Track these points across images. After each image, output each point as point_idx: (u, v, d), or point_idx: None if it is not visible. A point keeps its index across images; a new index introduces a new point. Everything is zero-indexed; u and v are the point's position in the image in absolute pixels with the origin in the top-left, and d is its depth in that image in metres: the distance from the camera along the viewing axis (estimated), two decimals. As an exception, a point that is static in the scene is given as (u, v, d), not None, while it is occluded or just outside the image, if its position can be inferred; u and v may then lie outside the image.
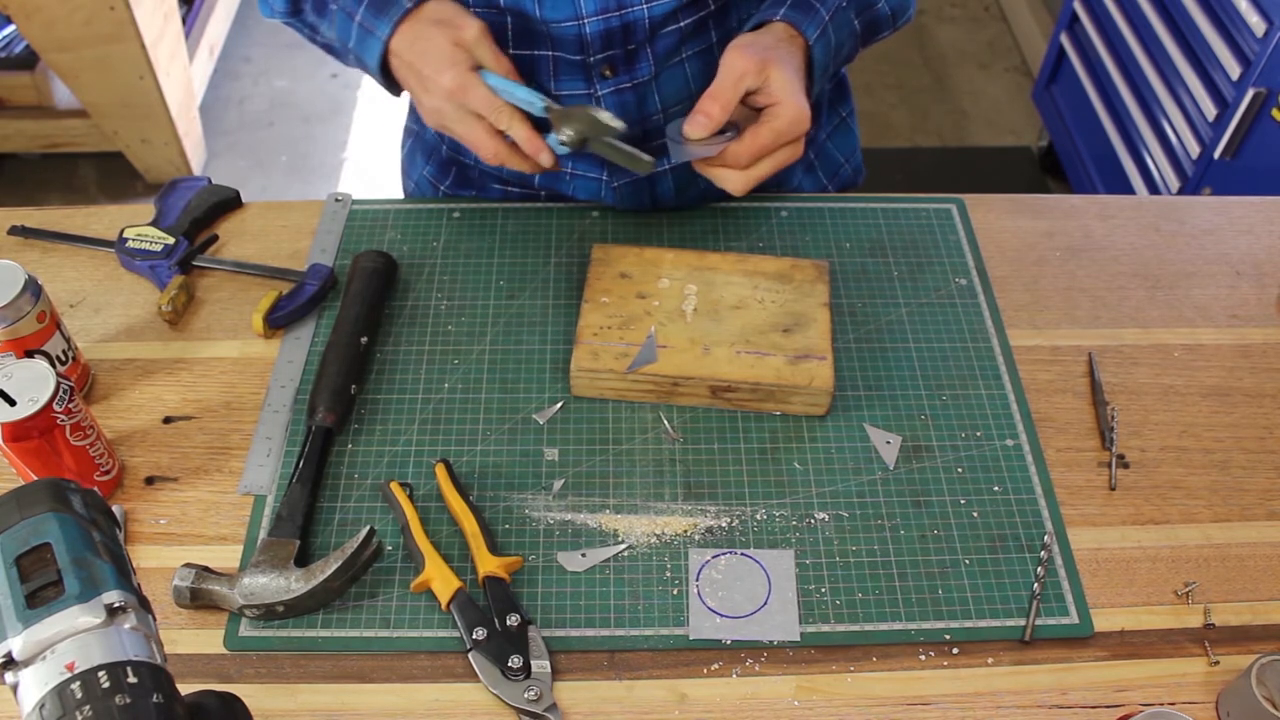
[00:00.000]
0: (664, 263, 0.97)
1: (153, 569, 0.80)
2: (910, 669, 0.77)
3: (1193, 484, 0.88)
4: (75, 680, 0.50)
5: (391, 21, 0.87)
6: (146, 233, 1.01)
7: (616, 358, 0.90)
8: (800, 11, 0.89)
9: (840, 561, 0.82)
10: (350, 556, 0.77)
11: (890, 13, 0.97)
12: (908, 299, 1.00)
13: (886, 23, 0.98)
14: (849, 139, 1.19)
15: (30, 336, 0.85)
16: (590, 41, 0.92)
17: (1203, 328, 1.00)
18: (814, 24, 0.89)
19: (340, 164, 2.68)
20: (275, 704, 0.74)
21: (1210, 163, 1.86)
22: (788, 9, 0.89)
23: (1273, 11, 1.68)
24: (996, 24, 3.16)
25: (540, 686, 0.73)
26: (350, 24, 0.90)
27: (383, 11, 0.88)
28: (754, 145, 0.84)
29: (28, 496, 0.56)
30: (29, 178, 2.58)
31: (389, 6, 0.88)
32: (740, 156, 0.85)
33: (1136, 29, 2.08)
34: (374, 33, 0.89)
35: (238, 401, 0.91)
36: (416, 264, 1.02)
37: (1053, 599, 0.80)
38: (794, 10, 0.89)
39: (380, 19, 0.88)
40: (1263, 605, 0.81)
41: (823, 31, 0.89)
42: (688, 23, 0.95)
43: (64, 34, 2.15)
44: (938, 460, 0.88)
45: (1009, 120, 2.83)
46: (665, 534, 0.83)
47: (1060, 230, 1.08)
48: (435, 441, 0.89)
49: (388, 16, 0.88)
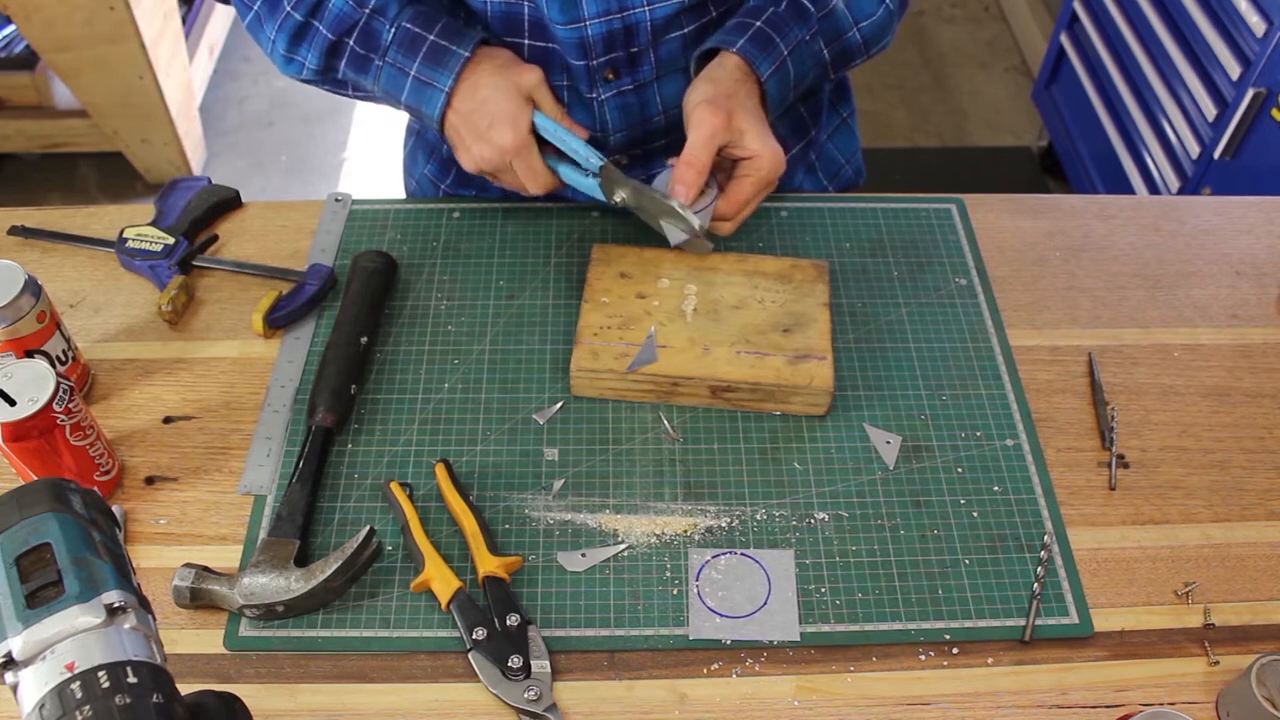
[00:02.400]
0: (664, 263, 0.97)
1: (153, 569, 0.80)
2: (910, 669, 0.77)
3: (1193, 484, 0.88)
4: (75, 680, 0.50)
5: (454, 74, 0.87)
6: (146, 233, 1.01)
7: (616, 358, 0.90)
8: (758, 46, 0.89)
9: (840, 561, 0.82)
10: (350, 556, 0.77)
11: (862, 41, 0.97)
12: (908, 299, 1.00)
13: (859, 50, 0.98)
14: (850, 140, 1.19)
15: (30, 336, 0.85)
16: (593, 44, 0.92)
17: (1203, 328, 1.00)
18: (770, 60, 0.90)
19: (340, 164, 2.67)
20: (275, 704, 0.74)
21: (1210, 163, 1.85)
22: (747, 40, 0.89)
23: (1273, 11, 1.68)
24: (996, 24, 3.16)
25: (540, 686, 0.73)
26: (403, 79, 0.89)
27: (441, 64, 0.88)
28: (739, 199, 0.89)
29: (28, 496, 0.56)
30: (29, 178, 2.58)
31: (446, 57, 0.88)
32: (728, 211, 0.90)
33: (1136, 29, 2.08)
34: (434, 85, 0.88)
35: (238, 401, 0.91)
36: (416, 264, 1.02)
37: (1052, 599, 0.80)
38: (752, 44, 0.89)
39: (439, 71, 0.88)
40: (1263, 605, 0.81)
41: (779, 66, 0.90)
42: (690, 28, 0.95)
43: (64, 34, 2.15)
44: (938, 460, 0.88)
45: (1009, 120, 2.83)
46: (665, 534, 0.83)
47: (1060, 230, 1.08)
48: (435, 441, 0.89)
49: (448, 69, 0.87)
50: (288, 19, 0.92)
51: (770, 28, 0.90)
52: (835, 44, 0.95)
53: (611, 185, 0.89)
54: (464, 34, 0.88)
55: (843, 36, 0.95)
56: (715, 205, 0.90)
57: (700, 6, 0.94)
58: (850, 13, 0.95)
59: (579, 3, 0.90)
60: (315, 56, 0.93)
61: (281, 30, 0.93)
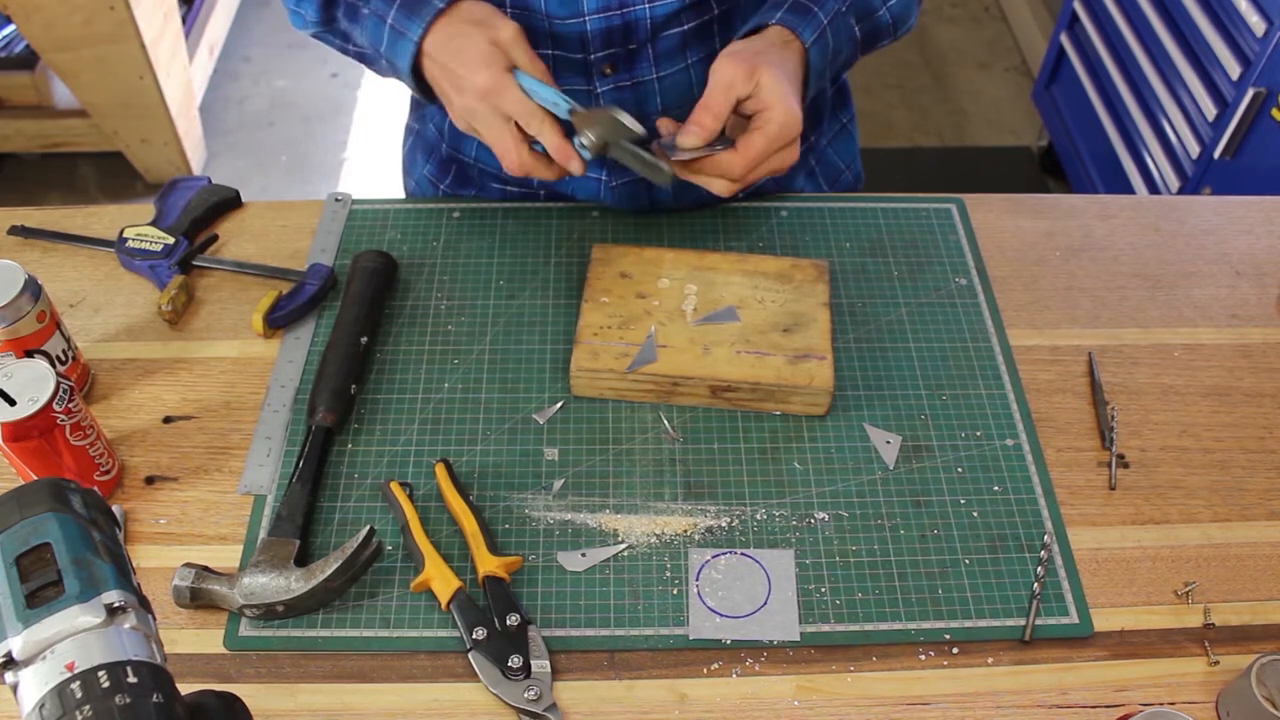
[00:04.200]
0: (664, 262, 0.97)
1: (153, 569, 0.80)
2: (910, 669, 0.77)
3: (1193, 484, 0.88)
4: (75, 680, 0.50)
5: (424, 22, 0.86)
6: (146, 233, 1.01)
7: (616, 357, 0.90)
8: (797, 15, 0.88)
9: (840, 561, 0.82)
10: (350, 556, 0.77)
11: (891, 20, 0.97)
12: (908, 299, 1.01)
13: (887, 30, 0.97)
14: (849, 145, 1.19)
15: (30, 336, 0.85)
16: (591, 38, 0.92)
17: (1203, 328, 1.00)
18: (811, 27, 0.88)
19: (340, 164, 2.68)
20: (275, 704, 0.74)
21: (1210, 163, 1.86)
22: (785, 12, 0.88)
23: (1273, 11, 1.68)
24: (996, 24, 3.16)
25: (540, 686, 0.73)
26: (382, 27, 0.89)
27: (415, 12, 0.87)
28: (747, 154, 0.84)
29: (28, 496, 0.56)
30: (29, 178, 2.58)
31: (421, 7, 0.87)
32: (735, 167, 0.84)
33: (1136, 29, 2.08)
34: (405, 34, 0.87)
35: (238, 401, 0.91)
36: (416, 264, 1.02)
37: (1052, 599, 0.80)
38: (791, 14, 0.88)
39: (412, 20, 0.87)
40: (1263, 605, 0.81)
41: (820, 35, 0.89)
42: (690, 26, 0.95)
43: (64, 34, 2.15)
44: (938, 460, 0.88)
45: (1009, 120, 2.83)
46: (665, 534, 0.83)
47: (1060, 230, 1.08)
48: (435, 441, 0.89)
49: (420, 17, 0.87)
50: None
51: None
52: (866, 21, 0.95)
53: (583, 127, 0.85)
54: None
55: (874, 14, 0.95)
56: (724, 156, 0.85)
57: (701, 3, 0.94)
58: None
59: None
60: (313, 8, 0.95)
61: None
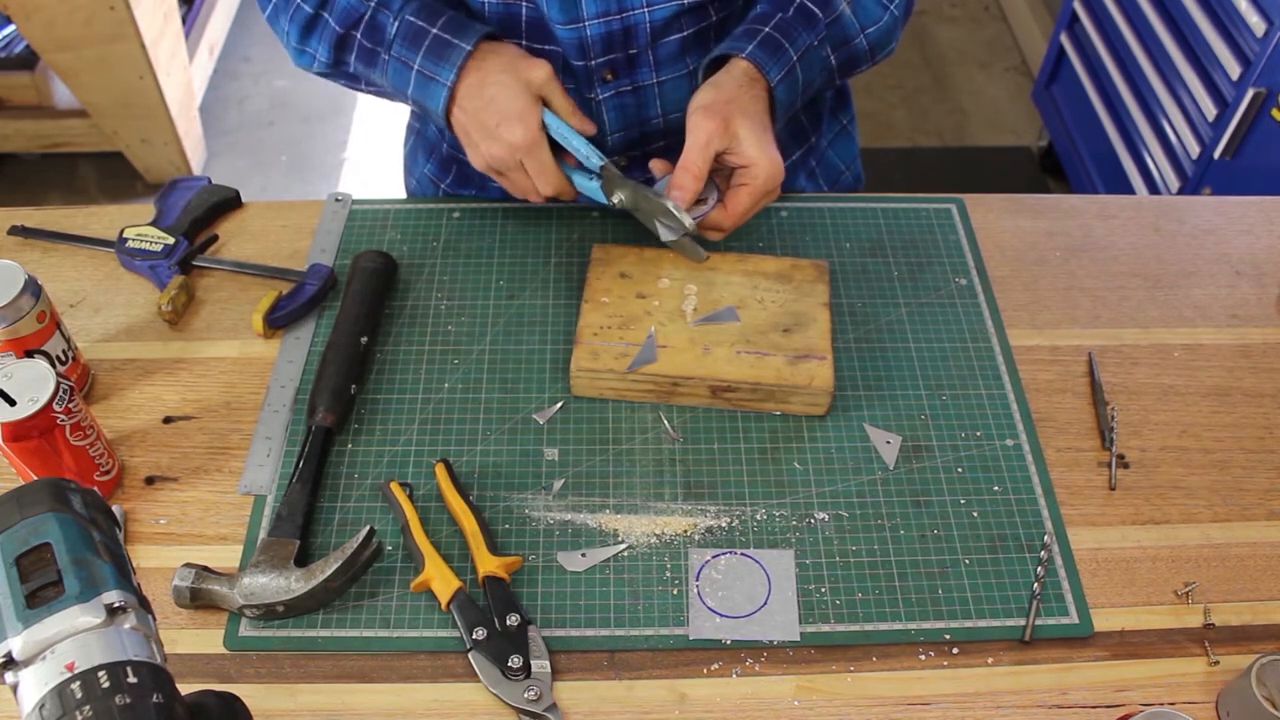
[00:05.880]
0: (664, 263, 0.97)
1: (153, 569, 0.80)
2: (910, 669, 0.77)
3: (1193, 484, 0.88)
4: (75, 680, 0.50)
5: (455, 67, 0.86)
6: (146, 233, 1.01)
7: (616, 358, 0.90)
8: (766, 51, 0.88)
9: (840, 561, 0.82)
10: (350, 556, 0.77)
11: (869, 47, 0.96)
12: (908, 299, 1.00)
13: (865, 57, 0.97)
14: (849, 146, 1.19)
15: (30, 336, 0.85)
16: (591, 44, 0.92)
17: (1203, 328, 1.00)
18: (779, 65, 0.89)
19: (340, 164, 2.67)
20: (275, 704, 0.74)
21: (1210, 163, 1.85)
22: (755, 46, 0.88)
23: (1273, 11, 1.68)
24: (996, 24, 3.16)
25: (540, 686, 0.73)
26: (408, 73, 0.89)
27: (443, 58, 0.87)
28: (735, 210, 0.88)
29: (28, 496, 0.56)
30: (29, 178, 2.58)
31: (448, 51, 0.87)
32: (724, 220, 0.89)
33: (1136, 29, 2.08)
34: (437, 79, 0.87)
35: (238, 401, 0.91)
36: (416, 264, 1.02)
37: (1052, 599, 0.80)
38: (761, 49, 0.88)
39: (441, 65, 0.87)
40: (1263, 605, 0.81)
41: (788, 72, 0.89)
42: (689, 32, 0.95)
43: (64, 34, 2.15)
44: (938, 460, 0.88)
45: (1009, 120, 2.83)
46: (665, 534, 0.83)
47: (1060, 230, 1.08)
48: (435, 441, 0.89)
49: (449, 62, 0.86)
50: (298, 11, 0.92)
51: (779, 33, 0.89)
52: (842, 50, 0.95)
53: (611, 185, 0.89)
54: (467, 28, 0.88)
55: (850, 43, 0.95)
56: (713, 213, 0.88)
57: (700, 9, 0.94)
58: (856, 19, 0.94)
59: (579, 2, 0.90)
60: (325, 50, 0.94)
61: (293, 22, 0.93)
